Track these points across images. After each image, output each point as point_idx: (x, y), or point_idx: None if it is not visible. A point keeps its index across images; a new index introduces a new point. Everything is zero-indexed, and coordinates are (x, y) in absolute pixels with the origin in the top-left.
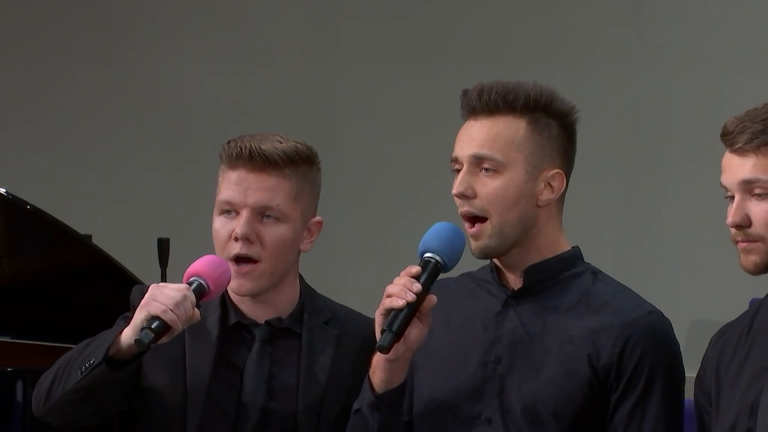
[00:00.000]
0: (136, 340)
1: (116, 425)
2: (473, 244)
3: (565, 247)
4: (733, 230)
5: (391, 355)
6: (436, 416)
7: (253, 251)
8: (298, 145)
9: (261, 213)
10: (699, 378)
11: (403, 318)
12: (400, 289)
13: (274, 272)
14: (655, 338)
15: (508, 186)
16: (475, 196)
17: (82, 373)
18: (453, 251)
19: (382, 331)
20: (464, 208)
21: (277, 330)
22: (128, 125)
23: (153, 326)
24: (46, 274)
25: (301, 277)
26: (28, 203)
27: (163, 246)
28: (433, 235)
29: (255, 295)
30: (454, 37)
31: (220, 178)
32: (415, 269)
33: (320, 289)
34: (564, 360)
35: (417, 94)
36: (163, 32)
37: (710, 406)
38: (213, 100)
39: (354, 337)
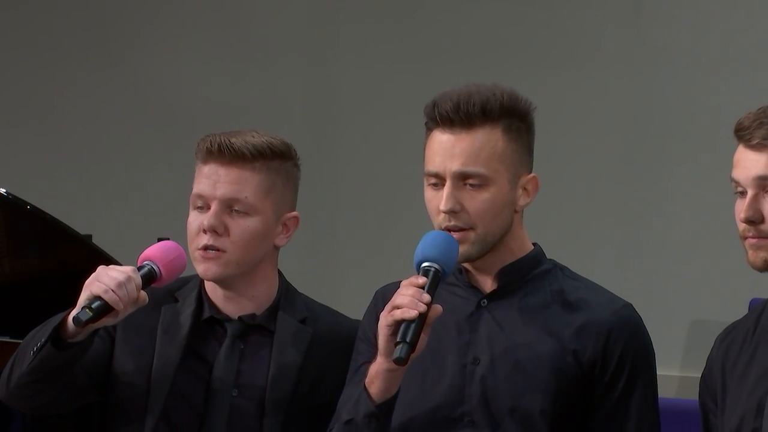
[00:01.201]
0: (73, 318)
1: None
2: None
3: (530, 245)
4: (743, 226)
5: (392, 365)
6: (418, 421)
7: (220, 243)
8: (272, 140)
9: (229, 206)
10: (704, 378)
11: (415, 328)
12: (411, 301)
13: (240, 262)
14: (633, 330)
15: (494, 198)
16: (462, 210)
17: (33, 354)
18: (450, 258)
19: (397, 344)
20: (451, 222)
21: (249, 326)
22: (128, 125)
23: (93, 306)
24: (46, 274)
25: (280, 273)
26: (28, 203)
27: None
28: (430, 244)
29: (222, 282)
30: (454, 36)
31: (195, 174)
32: (422, 280)
33: (320, 288)
34: (550, 358)
35: (417, 94)
36: (163, 32)
37: (716, 406)
38: (213, 100)
39: (329, 337)
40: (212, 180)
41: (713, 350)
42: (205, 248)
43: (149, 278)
